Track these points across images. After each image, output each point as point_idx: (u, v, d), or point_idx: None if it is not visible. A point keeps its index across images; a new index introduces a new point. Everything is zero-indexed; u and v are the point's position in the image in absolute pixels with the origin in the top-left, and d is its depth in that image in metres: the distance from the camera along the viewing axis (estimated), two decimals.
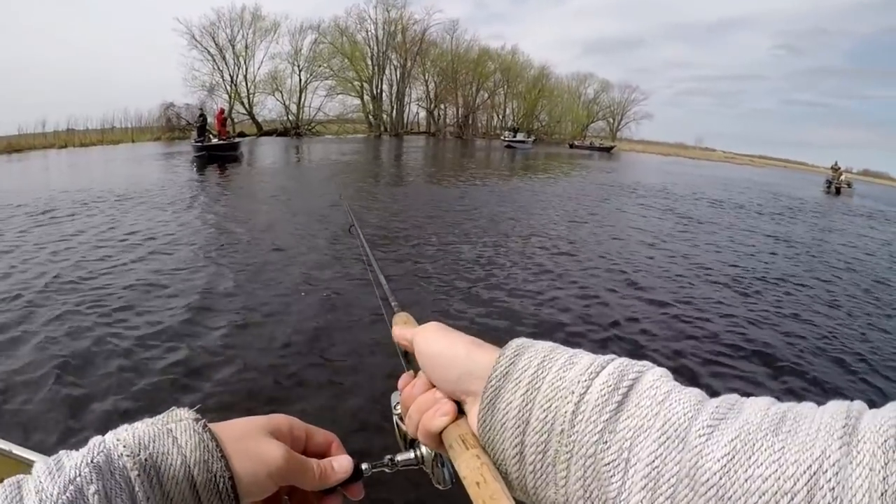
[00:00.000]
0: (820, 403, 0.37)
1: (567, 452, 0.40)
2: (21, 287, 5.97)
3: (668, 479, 0.35)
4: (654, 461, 0.36)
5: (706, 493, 0.33)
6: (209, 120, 26.65)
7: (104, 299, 5.67)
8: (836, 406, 0.36)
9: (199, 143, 22.89)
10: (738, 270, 8.77)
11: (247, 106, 53.56)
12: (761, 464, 0.32)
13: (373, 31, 61.15)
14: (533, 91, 74.33)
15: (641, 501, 0.36)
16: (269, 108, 56.32)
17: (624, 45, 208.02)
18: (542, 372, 0.44)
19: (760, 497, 0.31)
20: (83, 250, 7.66)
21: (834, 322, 6.65)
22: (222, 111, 28.10)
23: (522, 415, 0.43)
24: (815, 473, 0.31)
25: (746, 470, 0.32)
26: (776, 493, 0.31)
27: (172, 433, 0.43)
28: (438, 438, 0.50)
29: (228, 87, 52.57)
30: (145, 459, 0.40)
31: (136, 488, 0.39)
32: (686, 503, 0.34)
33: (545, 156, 41.62)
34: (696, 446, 0.35)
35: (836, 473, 0.30)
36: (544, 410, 0.42)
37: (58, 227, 9.12)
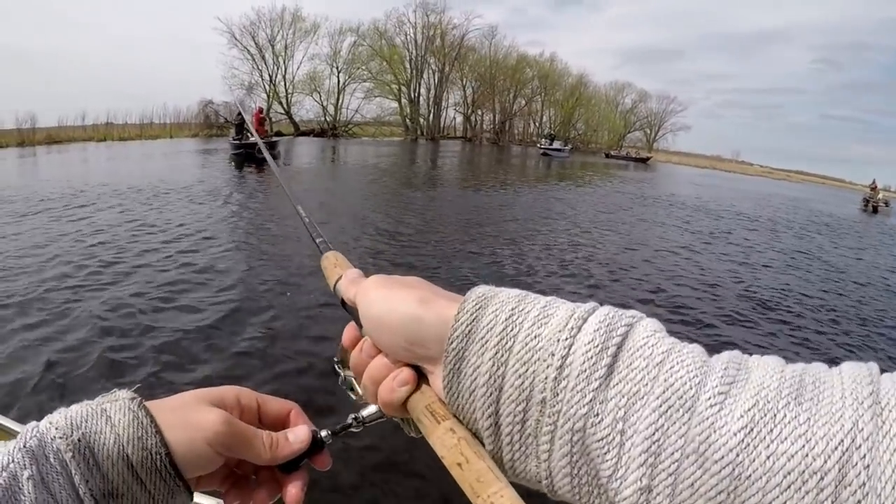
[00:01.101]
0: None
1: (550, 425, 0.36)
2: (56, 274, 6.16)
3: (672, 454, 0.31)
4: (654, 434, 0.32)
5: (720, 471, 0.30)
6: (247, 118, 26.63)
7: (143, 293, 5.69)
8: (855, 369, 0.33)
9: (237, 142, 22.86)
10: (765, 291, 8.25)
11: (285, 106, 53.84)
12: (785, 438, 0.29)
13: (412, 34, 61.11)
14: (570, 99, 73.36)
15: (640, 479, 0.32)
16: (306, 109, 56.63)
17: (662, 56, 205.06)
18: (512, 328, 0.38)
19: (785, 477, 0.28)
20: (122, 241, 7.78)
21: (861, 339, 6.58)
22: (261, 110, 27.98)
23: (494, 381, 0.38)
24: (847, 449, 0.27)
25: (768, 445, 0.29)
26: (804, 472, 0.28)
27: (106, 412, 0.42)
28: (403, 409, 0.44)
29: (267, 87, 52.98)
30: (78, 440, 0.39)
31: (73, 470, 0.38)
32: (693, 481, 0.30)
33: (581, 165, 40.91)
34: (706, 417, 0.31)
35: (870, 449, 0.27)
36: (520, 376, 0.37)
37: (94, 219, 9.18)
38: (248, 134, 24.28)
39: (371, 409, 0.49)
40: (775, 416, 0.30)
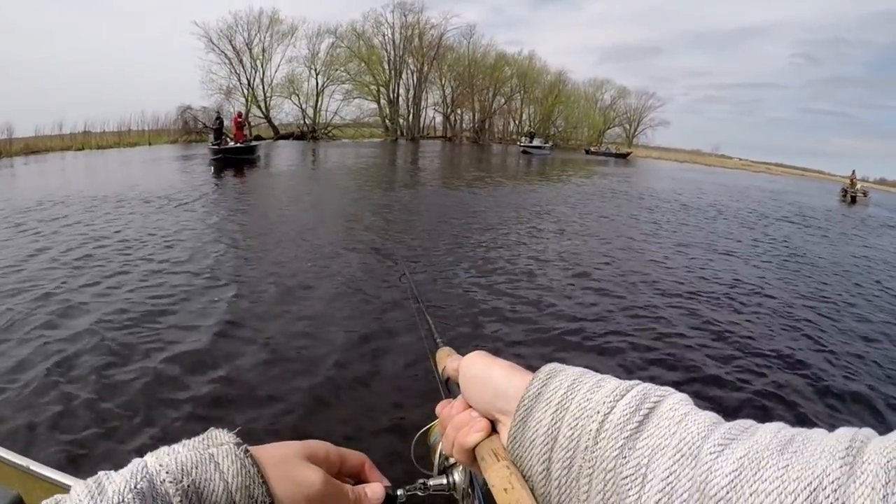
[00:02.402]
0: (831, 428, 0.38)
1: (590, 468, 0.42)
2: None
3: (682, 494, 0.37)
4: (668, 476, 0.38)
5: None
6: (226, 123, 26.64)
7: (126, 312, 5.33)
8: (843, 431, 0.37)
9: (217, 146, 22.89)
10: (736, 281, 8.25)
11: (263, 109, 53.58)
12: (766, 479, 0.34)
13: (390, 35, 61.12)
14: (550, 96, 73.82)
15: None
16: (285, 112, 56.27)
17: (641, 53, 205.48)
18: (572, 394, 0.47)
19: None
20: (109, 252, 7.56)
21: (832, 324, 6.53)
22: (239, 114, 27.80)
23: (551, 432, 0.46)
24: (814, 490, 0.32)
25: (752, 485, 0.34)
26: None
27: (214, 458, 0.43)
28: (472, 454, 0.52)
29: (245, 91, 52.64)
30: (188, 486, 0.40)
31: None
32: None
33: (562, 162, 41.09)
34: (706, 462, 0.37)
35: (836, 490, 0.32)
36: (571, 429, 0.45)
37: (71, 230, 8.99)
38: (228, 138, 24.45)
39: (439, 481, 0.60)
40: (760, 462, 0.35)
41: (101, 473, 0.40)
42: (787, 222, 16.75)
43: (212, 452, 0.44)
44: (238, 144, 23.78)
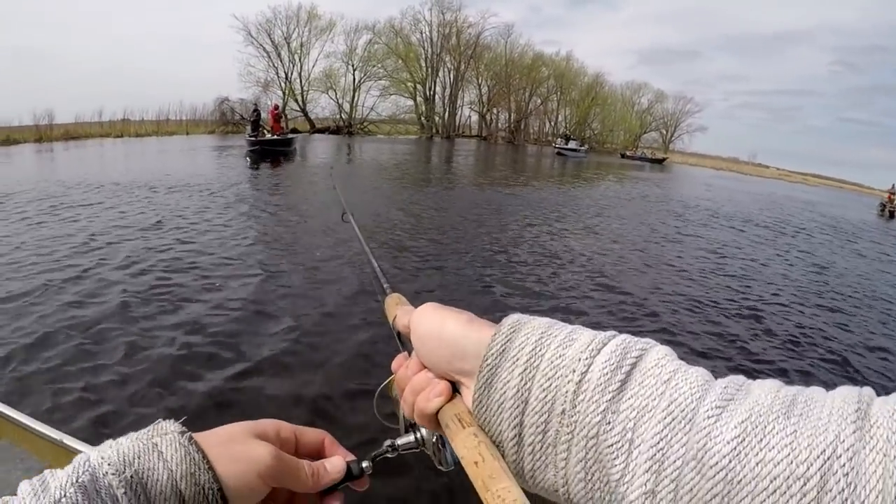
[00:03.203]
0: None
1: (568, 433, 0.39)
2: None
3: (674, 461, 0.34)
4: (658, 442, 0.35)
5: (714, 476, 0.33)
6: (263, 115, 26.66)
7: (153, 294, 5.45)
8: (846, 391, 0.35)
9: (254, 138, 23.17)
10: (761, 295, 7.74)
11: (300, 103, 53.87)
12: (773, 447, 0.32)
13: (427, 33, 60.78)
14: (586, 99, 72.60)
15: (645, 483, 0.35)
16: (322, 106, 56.58)
17: (679, 56, 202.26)
18: (541, 349, 0.42)
19: (771, 482, 0.31)
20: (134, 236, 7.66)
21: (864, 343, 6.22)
22: (277, 107, 27.80)
23: (521, 394, 0.42)
24: (828, 458, 0.30)
25: (758, 453, 0.32)
26: (788, 477, 0.31)
27: (158, 447, 0.43)
28: (435, 419, 0.49)
29: (283, 84, 53.05)
30: (131, 476, 0.40)
31: None
32: (692, 486, 0.33)
33: (596, 165, 40.35)
34: (704, 428, 0.34)
35: (851, 458, 0.30)
36: (544, 390, 0.41)
37: (108, 213, 9.19)
38: (265, 130, 24.57)
39: (406, 439, 0.55)
40: (765, 427, 0.33)
41: (46, 472, 0.40)
42: (824, 235, 16.05)
43: (155, 442, 0.43)
44: (275, 137, 23.90)
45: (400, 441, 0.55)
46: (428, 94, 61.22)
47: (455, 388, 0.48)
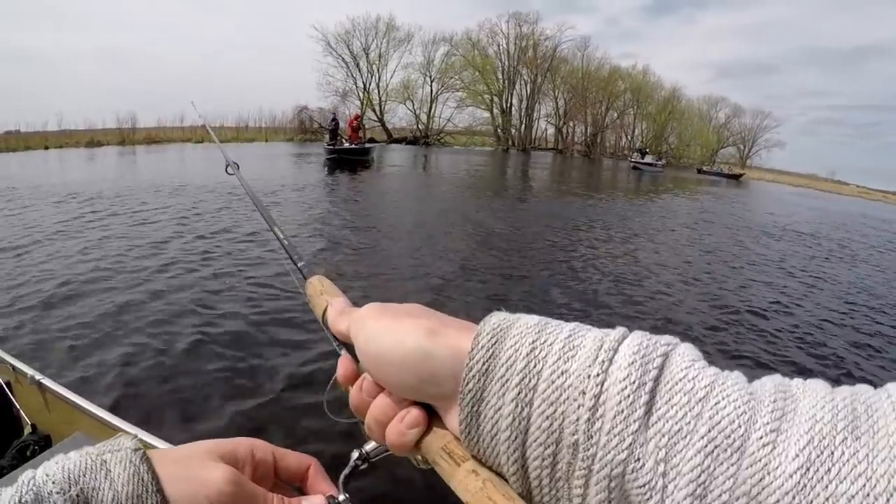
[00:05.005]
0: None
1: (584, 468, 0.33)
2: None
3: (719, 496, 0.29)
4: (699, 476, 0.29)
5: None
6: (341, 125, 26.73)
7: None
8: None
9: (332, 146, 23.52)
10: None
11: (378, 113, 54.51)
12: (844, 478, 0.26)
13: (504, 45, 60.14)
14: (663, 112, 69.54)
15: None
16: (399, 117, 57.32)
17: (757, 69, 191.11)
18: (535, 364, 0.35)
19: None
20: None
21: None
22: (356, 117, 28.03)
23: (518, 424, 0.35)
24: None
25: (826, 486, 0.27)
26: None
27: (106, 465, 0.40)
28: (416, 450, 0.41)
29: (361, 94, 53.79)
30: (76, 495, 0.37)
31: None
32: None
33: (672, 180, 38.12)
34: (760, 459, 0.28)
35: None
36: (547, 418, 0.34)
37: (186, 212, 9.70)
38: (343, 139, 24.66)
39: (373, 444, 0.46)
40: (832, 453, 0.27)
41: None
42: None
43: (105, 459, 0.40)
44: (353, 146, 23.98)
45: (369, 447, 0.46)
46: (504, 106, 60.37)
47: (431, 409, 0.40)
